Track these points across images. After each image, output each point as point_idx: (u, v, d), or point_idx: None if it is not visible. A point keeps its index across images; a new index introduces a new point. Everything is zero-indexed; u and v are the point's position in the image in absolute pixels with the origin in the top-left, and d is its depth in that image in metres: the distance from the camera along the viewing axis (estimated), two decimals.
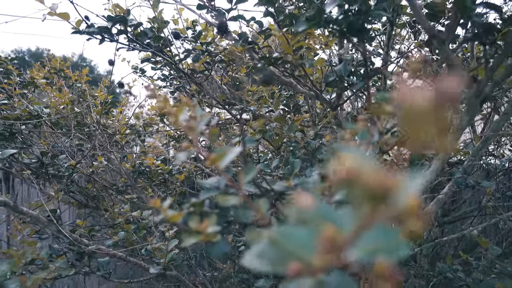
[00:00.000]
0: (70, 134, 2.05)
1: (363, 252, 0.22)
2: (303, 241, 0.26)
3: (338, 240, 0.22)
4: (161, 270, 1.34)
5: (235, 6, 1.23)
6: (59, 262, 1.17)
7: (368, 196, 0.16)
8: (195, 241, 0.56)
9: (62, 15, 1.16)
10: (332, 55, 1.38)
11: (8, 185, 3.87)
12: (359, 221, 0.20)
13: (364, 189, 0.16)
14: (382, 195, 0.16)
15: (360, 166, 0.16)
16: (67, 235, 1.21)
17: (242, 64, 1.52)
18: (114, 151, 2.01)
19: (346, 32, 0.82)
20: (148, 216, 1.70)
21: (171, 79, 1.87)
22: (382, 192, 0.16)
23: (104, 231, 1.99)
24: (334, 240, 0.21)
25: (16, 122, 1.73)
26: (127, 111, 3.01)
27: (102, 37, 1.21)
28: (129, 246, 1.58)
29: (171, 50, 1.52)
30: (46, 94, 2.51)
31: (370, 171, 0.16)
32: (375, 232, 0.21)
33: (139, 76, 2.50)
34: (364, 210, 0.18)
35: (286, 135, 1.25)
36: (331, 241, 0.21)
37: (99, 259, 1.37)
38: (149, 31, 1.43)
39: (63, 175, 1.83)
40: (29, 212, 1.18)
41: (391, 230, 0.21)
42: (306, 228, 0.26)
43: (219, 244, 0.58)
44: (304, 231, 0.26)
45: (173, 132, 2.34)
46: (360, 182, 0.16)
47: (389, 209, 0.17)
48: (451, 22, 0.68)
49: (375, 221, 0.20)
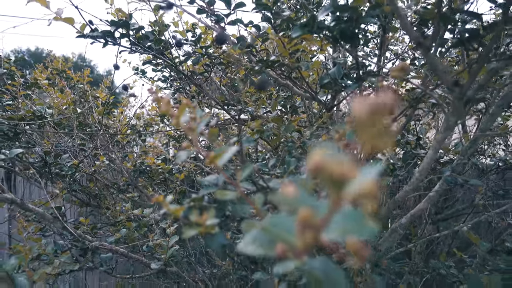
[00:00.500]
0: (73, 134, 2.10)
1: (335, 232, 0.27)
2: (288, 227, 0.31)
3: (314, 223, 0.27)
4: (162, 265, 1.39)
5: (233, 11, 1.28)
6: (64, 257, 1.21)
7: (332, 183, 0.21)
8: (195, 233, 0.60)
9: (67, 20, 1.21)
10: (327, 58, 1.42)
11: (10, 184, 3.92)
12: (330, 205, 0.25)
13: (328, 178, 0.20)
14: (343, 181, 0.20)
15: (327, 159, 0.21)
16: (72, 231, 1.26)
17: (240, 66, 1.57)
18: (115, 150, 2.05)
19: (339, 38, 0.86)
20: (149, 214, 1.74)
21: (171, 80, 1.92)
22: (343, 179, 0.20)
23: (106, 229, 2.03)
24: (310, 222, 0.26)
25: (20, 123, 1.77)
26: (128, 111, 3.06)
27: (106, 41, 1.25)
28: (131, 243, 1.62)
29: (172, 53, 1.57)
30: (48, 95, 2.55)
31: (335, 163, 0.21)
32: (343, 215, 0.26)
33: (140, 77, 2.54)
34: (332, 195, 0.23)
35: (283, 135, 1.30)
36: (308, 223, 0.26)
37: (102, 255, 1.42)
38: (150, 35, 1.47)
39: (66, 174, 1.87)
40: (35, 209, 1.23)
41: (357, 212, 0.26)
42: (291, 216, 0.30)
43: (217, 236, 0.63)
44: (289, 218, 0.31)
45: (173, 132, 2.38)
46: (325, 172, 0.20)
47: (350, 193, 0.22)
48: (434, 30, 0.73)
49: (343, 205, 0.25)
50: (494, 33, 0.70)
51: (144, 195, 2.14)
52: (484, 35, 0.79)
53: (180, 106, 0.56)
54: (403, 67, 0.44)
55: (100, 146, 2.06)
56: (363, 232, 0.26)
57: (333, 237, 0.27)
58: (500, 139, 2.08)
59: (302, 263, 0.31)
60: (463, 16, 0.75)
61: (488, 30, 0.74)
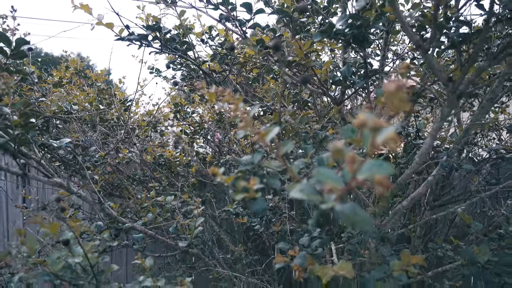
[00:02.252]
0: (96, 129, 2.26)
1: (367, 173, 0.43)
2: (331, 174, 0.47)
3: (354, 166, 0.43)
4: (189, 243, 1.55)
5: (253, 16, 1.44)
6: (105, 234, 1.38)
7: (371, 130, 0.37)
8: (243, 196, 0.76)
9: (108, 25, 1.36)
10: (335, 59, 1.58)
11: (24, 180, 4.08)
12: (368, 150, 0.41)
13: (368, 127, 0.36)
14: (377, 129, 0.37)
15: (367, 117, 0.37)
16: (111, 212, 1.42)
17: (256, 66, 1.73)
18: (137, 143, 2.21)
19: (352, 42, 1.03)
20: (171, 201, 1.91)
21: (190, 78, 2.08)
22: (377, 127, 0.36)
23: (130, 216, 2.19)
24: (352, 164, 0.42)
25: (51, 117, 1.93)
26: (143, 108, 3.22)
27: (141, 43, 1.41)
28: (156, 226, 1.78)
29: (194, 53, 1.73)
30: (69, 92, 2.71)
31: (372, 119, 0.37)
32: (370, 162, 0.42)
33: (155, 75, 2.70)
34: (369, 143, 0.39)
35: (297, 126, 1.46)
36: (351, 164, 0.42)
37: (134, 235, 1.58)
38: (176, 37, 1.63)
39: (89, 167, 2.03)
40: (80, 193, 1.39)
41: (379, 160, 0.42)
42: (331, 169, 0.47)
43: (260, 200, 0.79)
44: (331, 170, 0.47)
45: (188, 127, 2.54)
46: (366, 123, 0.37)
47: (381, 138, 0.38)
48: (431, 35, 0.89)
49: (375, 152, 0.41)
50: (481, 37, 0.86)
51: (163, 186, 2.30)
52: (474, 38, 0.96)
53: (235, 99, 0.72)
54: (408, 65, 0.60)
55: (123, 140, 2.22)
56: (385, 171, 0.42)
57: (365, 177, 0.43)
58: (494, 133, 2.25)
59: (341, 200, 0.47)
60: (455, 23, 0.91)
61: (476, 35, 0.90)
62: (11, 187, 3.56)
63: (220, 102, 0.76)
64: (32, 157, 1.29)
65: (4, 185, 3.90)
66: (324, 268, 0.95)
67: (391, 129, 0.37)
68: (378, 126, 0.36)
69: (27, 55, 1.11)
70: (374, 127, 0.36)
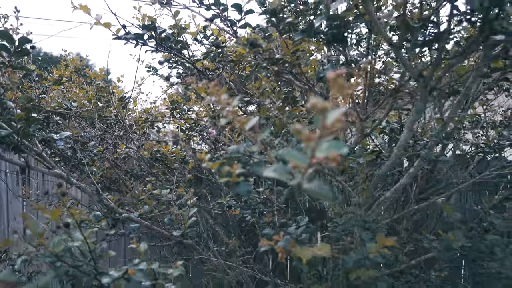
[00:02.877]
0: (95, 125, 2.33)
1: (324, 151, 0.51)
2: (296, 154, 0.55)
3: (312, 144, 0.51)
4: (182, 233, 1.63)
5: (244, 16, 1.52)
6: (103, 223, 1.46)
7: (320, 112, 0.45)
8: (226, 180, 0.84)
9: (105, 24, 1.44)
10: (323, 57, 1.66)
11: (24, 176, 4.16)
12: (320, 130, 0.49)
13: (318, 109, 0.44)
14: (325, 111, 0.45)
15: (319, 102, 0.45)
16: (108, 202, 1.50)
17: (248, 64, 1.81)
18: (134, 139, 2.29)
19: (331, 41, 1.11)
20: (167, 194, 1.98)
21: (185, 76, 2.15)
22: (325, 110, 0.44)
23: (127, 209, 2.27)
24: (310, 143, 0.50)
25: (52, 112, 2.01)
26: (139, 106, 3.30)
27: (137, 42, 1.49)
28: (152, 218, 1.86)
29: (188, 52, 1.81)
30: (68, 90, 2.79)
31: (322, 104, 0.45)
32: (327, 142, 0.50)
33: (151, 74, 2.78)
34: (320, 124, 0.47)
35: (286, 121, 1.54)
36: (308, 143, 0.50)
37: (131, 225, 1.66)
38: (171, 36, 1.71)
39: (88, 162, 2.11)
40: (79, 184, 1.47)
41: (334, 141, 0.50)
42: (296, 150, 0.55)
43: (243, 183, 0.87)
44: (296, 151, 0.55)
45: (184, 124, 2.62)
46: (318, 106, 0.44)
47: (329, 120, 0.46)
48: (400, 34, 0.97)
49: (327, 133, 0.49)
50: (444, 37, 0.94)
51: (160, 180, 2.38)
52: (445, 38, 1.04)
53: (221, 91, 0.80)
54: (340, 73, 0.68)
55: (120, 136, 2.30)
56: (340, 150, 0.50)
57: (323, 154, 0.51)
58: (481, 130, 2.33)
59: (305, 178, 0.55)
60: (425, 23, 0.99)
61: (444, 34, 0.98)
62: (11, 183, 3.64)
63: (208, 95, 0.84)
64: (33, 149, 1.37)
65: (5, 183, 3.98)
66: (304, 249, 1.03)
67: (338, 111, 0.45)
68: (325, 109, 0.44)
69: (29, 52, 1.19)
70: (322, 109, 0.44)
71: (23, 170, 3.90)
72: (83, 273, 1.16)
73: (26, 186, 3.61)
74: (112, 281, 1.16)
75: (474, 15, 0.90)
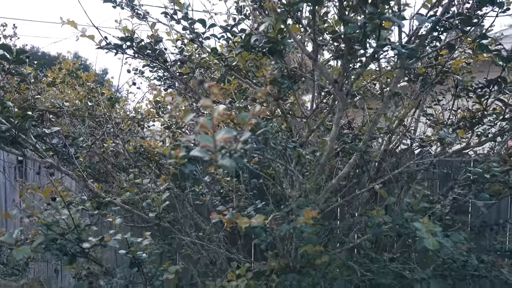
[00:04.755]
0: (85, 123, 2.60)
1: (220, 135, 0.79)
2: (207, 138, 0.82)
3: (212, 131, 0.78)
4: (157, 214, 1.90)
5: (208, 29, 1.79)
6: (87, 204, 1.73)
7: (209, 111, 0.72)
8: (173, 161, 1.11)
9: (90, 37, 1.71)
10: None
11: (21, 171, 4.44)
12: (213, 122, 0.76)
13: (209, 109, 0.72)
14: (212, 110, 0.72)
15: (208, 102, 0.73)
16: (93, 187, 1.77)
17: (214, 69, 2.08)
18: (120, 135, 2.56)
19: (267, 53, 1.38)
20: (147, 183, 2.26)
21: (165, 79, 2.43)
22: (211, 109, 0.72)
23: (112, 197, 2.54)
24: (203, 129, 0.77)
25: (45, 111, 2.27)
26: (128, 106, 3.57)
27: (116, 51, 1.76)
28: (133, 204, 2.14)
29: (164, 58, 2.08)
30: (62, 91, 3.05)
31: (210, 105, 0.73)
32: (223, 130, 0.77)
33: (138, 76, 3.05)
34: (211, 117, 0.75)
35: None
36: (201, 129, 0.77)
37: (112, 207, 1.93)
38: (148, 45, 1.98)
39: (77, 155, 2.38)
40: (67, 171, 1.73)
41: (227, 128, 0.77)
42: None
43: (187, 165, 1.13)
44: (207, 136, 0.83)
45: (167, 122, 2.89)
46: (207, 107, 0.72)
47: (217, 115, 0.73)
48: (313, 47, 1.24)
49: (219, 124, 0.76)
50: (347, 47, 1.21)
51: (143, 172, 2.65)
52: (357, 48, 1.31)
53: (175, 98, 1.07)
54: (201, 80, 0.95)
55: (108, 133, 2.57)
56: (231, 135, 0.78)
57: (220, 139, 0.78)
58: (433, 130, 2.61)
59: (216, 156, 0.82)
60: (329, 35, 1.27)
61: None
62: (9, 177, 3.91)
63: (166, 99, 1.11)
64: (29, 141, 1.64)
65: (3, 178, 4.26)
66: (241, 218, 1.30)
67: (220, 108, 0.72)
68: (210, 107, 0.70)
69: (25, 61, 1.46)
70: (207, 107, 0.71)
71: (20, 162, 4.17)
72: (68, 240, 1.43)
73: (23, 178, 3.88)
74: (91, 246, 1.44)
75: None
